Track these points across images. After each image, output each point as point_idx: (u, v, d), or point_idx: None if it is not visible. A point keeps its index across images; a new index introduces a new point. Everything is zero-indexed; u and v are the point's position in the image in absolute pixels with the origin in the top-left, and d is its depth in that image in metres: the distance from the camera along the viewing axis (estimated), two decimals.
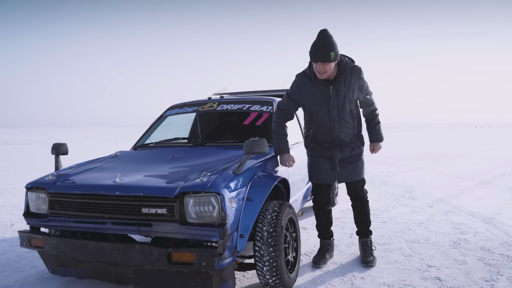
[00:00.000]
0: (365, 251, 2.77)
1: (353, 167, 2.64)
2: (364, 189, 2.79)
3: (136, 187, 2.02)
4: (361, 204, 2.80)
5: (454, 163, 8.96)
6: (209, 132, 3.64)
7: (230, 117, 3.65)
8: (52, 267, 2.38)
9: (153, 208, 1.95)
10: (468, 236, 3.29)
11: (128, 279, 2.13)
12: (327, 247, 2.81)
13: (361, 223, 2.84)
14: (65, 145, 2.69)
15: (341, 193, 5.41)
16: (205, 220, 1.89)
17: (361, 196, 2.78)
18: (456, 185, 5.83)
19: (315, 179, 2.71)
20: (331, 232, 2.87)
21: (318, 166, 2.66)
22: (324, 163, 2.64)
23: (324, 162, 2.64)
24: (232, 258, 1.95)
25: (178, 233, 1.93)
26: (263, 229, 2.12)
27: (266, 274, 2.11)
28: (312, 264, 2.70)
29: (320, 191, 2.75)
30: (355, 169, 2.65)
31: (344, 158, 2.61)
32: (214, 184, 1.90)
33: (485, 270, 2.54)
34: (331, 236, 2.87)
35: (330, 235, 2.86)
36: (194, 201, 1.90)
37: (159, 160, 2.65)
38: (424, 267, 2.63)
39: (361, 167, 2.68)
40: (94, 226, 2.11)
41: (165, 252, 1.91)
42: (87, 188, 2.13)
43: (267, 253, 2.08)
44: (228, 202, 1.89)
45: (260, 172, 2.29)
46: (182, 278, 1.98)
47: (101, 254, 2.06)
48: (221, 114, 3.68)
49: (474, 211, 4.14)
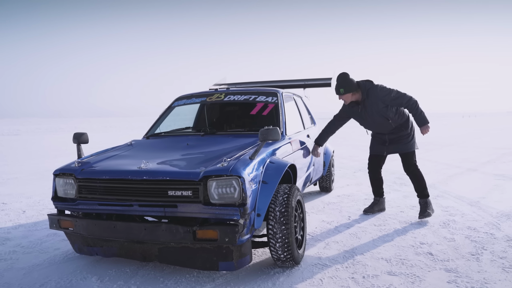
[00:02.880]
0: (420, 209, 3.58)
1: (401, 143, 3.57)
2: (413, 161, 3.59)
3: (162, 171, 2.22)
4: (411, 169, 3.60)
5: (442, 151, 9.33)
6: (217, 122, 3.83)
7: (237, 107, 3.85)
8: (79, 247, 2.57)
9: (179, 191, 2.16)
10: (456, 218, 3.58)
11: (153, 256, 2.33)
12: (376, 202, 3.82)
13: (415, 187, 3.63)
14: (85, 135, 2.84)
15: (336, 179, 5.69)
16: (227, 201, 2.11)
17: (409, 163, 3.59)
18: (444, 172, 6.16)
19: (371, 151, 3.78)
20: (381, 190, 3.82)
21: (373, 144, 3.76)
22: (377, 141, 3.71)
23: (377, 141, 3.71)
24: (250, 235, 2.17)
25: (202, 212, 2.14)
26: (276, 209, 2.35)
27: (278, 250, 2.35)
28: (362, 212, 3.81)
29: (372, 160, 3.78)
30: (402, 145, 3.56)
31: (392, 139, 3.58)
32: (235, 168, 2.11)
33: (472, 246, 2.83)
34: (380, 194, 3.82)
35: (380, 194, 3.82)
36: (217, 184, 2.11)
37: (175, 148, 2.84)
38: (417, 244, 2.91)
39: (406, 143, 3.55)
40: (122, 209, 2.30)
41: (190, 230, 2.12)
42: (116, 174, 2.32)
43: (280, 231, 2.31)
44: (248, 184, 2.11)
45: (273, 158, 2.52)
46: (204, 253, 2.20)
47: (129, 234, 2.25)
48: (228, 105, 3.87)
49: (461, 196, 4.45)
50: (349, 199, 4.43)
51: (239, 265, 2.20)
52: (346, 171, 6.59)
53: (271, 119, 3.23)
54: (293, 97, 3.99)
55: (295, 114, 3.81)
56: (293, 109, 3.80)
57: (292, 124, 3.44)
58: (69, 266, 2.63)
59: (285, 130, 3.10)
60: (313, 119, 4.81)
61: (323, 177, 4.64)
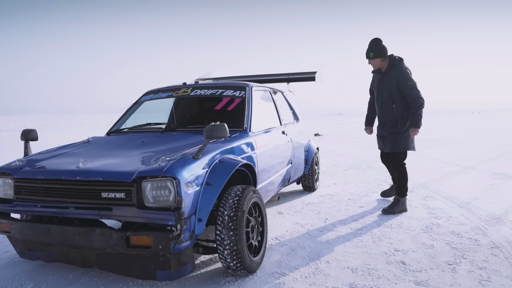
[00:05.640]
0: (390, 204, 3.66)
1: (395, 141, 3.54)
2: (400, 160, 3.61)
3: (96, 172, 2.02)
4: (398, 168, 3.64)
5: (444, 148, 8.99)
6: (184, 118, 3.62)
7: (203, 102, 3.63)
8: (20, 251, 2.40)
9: (112, 193, 1.96)
10: (441, 221, 3.32)
11: (92, 262, 2.15)
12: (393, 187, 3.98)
13: (397, 184, 3.67)
14: (34, 131, 2.69)
15: (325, 177, 5.44)
16: (162, 204, 1.90)
17: (398, 163, 3.62)
18: (440, 171, 5.86)
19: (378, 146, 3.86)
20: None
21: (377, 139, 3.79)
22: (379, 137, 3.74)
23: (379, 137, 3.74)
24: (190, 242, 1.96)
25: (136, 217, 1.94)
26: (224, 213, 2.13)
27: (227, 257, 2.13)
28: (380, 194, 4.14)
29: (380, 155, 3.94)
30: (396, 143, 3.54)
31: (389, 135, 3.57)
32: (171, 169, 1.90)
33: (451, 254, 2.57)
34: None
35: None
36: (152, 186, 1.91)
37: (128, 145, 2.64)
38: (391, 251, 2.66)
39: (400, 142, 3.52)
40: (58, 211, 2.12)
41: (123, 235, 1.93)
42: (50, 173, 2.14)
43: (228, 237, 2.10)
44: (184, 187, 1.89)
45: (224, 157, 2.29)
46: (141, 261, 2.00)
47: (64, 238, 2.08)
48: (194, 100, 3.66)
49: (453, 196, 4.17)
50: (332, 200, 4.19)
51: (178, 275, 2.00)
52: (338, 168, 6.33)
53: (237, 114, 3.01)
54: (269, 92, 3.76)
55: (269, 110, 3.58)
56: (266, 104, 3.57)
57: (262, 120, 3.21)
58: (11, 271, 2.46)
59: (249, 126, 2.86)
60: (296, 115, 4.57)
61: (305, 175, 4.40)
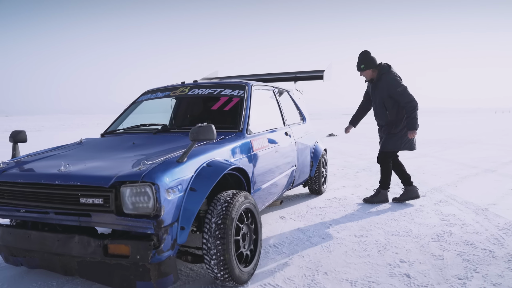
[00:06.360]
0: (372, 195, 3.95)
1: (385, 141, 3.79)
2: (384, 158, 3.86)
3: (75, 176, 1.91)
4: (383, 165, 3.88)
5: (462, 149, 8.61)
6: (180, 118, 3.49)
7: (200, 102, 3.50)
8: (5, 257, 2.32)
9: (90, 198, 1.85)
10: (454, 229, 3.09)
11: (73, 270, 2.04)
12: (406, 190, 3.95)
13: (380, 178, 3.91)
14: (23, 133, 2.63)
15: (336, 180, 5.24)
16: (141, 211, 1.77)
17: (384, 160, 3.87)
18: (457, 173, 5.56)
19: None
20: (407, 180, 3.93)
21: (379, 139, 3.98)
22: (379, 137, 3.96)
23: (379, 137, 3.96)
24: (172, 251, 1.83)
25: (115, 224, 1.82)
26: (212, 220, 1.99)
27: (214, 268, 1.99)
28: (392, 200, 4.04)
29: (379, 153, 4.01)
30: (388, 142, 3.78)
31: (384, 135, 3.82)
32: (150, 173, 1.77)
33: (461, 267, 2.36)
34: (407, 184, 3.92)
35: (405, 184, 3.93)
36: (131, 191, 1.78)
37: (118, 147, 2.53)
38: (396, 262, 2.46)
39: (391, 142, 3.75)
40: (39, 216, 2.03)
41: (101, 243, 1.82)
42: (30, 177, 2.05)
43: (214, 246, 1.96)
44: (164, 193, 1.76)
45: (213, 160, 2.15)
46: (121, 271, 1.88)
47: (43, 245, 1.99)
48: (192, 99, 3.53)
49: (469, 201, 3.92)
50: (339, 204, 3.99)
51: (160, 286, 1.86)
52: (349, 170, 6.11)
53: (234, 114, 2.86)
54: (272, 91, 3.60)
55: (271, 110, 3.42)
56: (268, 104, 3.41)
57: (262, 121, 3.05)
58: None
59: (246, 127, 2.71)
60: (303, 115, 4.40)
61: (311, 178, 4.22)
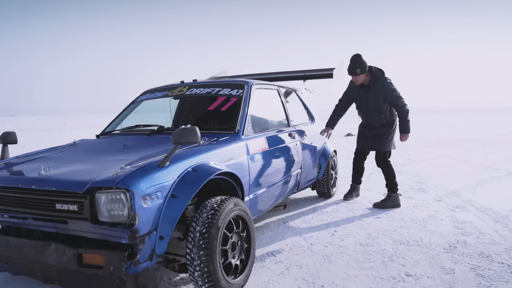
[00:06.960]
0: (382, 200, 3.81)
1: (380, 142, 3.76)
2: (385, 158, 3.81)
3: (51, 181, 1.82)
4: (383, 167, 3.83)
5: (485, 150, 8.18)
6: (176, 119, 3.38)
7: (198, 102, 3.37)
8: None
9: (65, 204, 1.75)
10: (469, 238, 2.85)
11: (53, 278, 1.95)
12: (354, 188, 4.13)
13: (386, 181, 3.85)
14: (13, 134, 2.57)
15: (342, 183, 5.03)
16: (116, 219, 1.65)
17: (382, 161, 3.83)
18: (478, 176, 5.24)
19: (357, 145, 4.01)
20: (360, 179, 4.13)
21: (358, 139, 3.99)
22: (361, 137, 3.93)
23: (362, 137, 3.92)
24: (150, 262, 1.71)
25: (90, 232, 1.72)
26: (196, 229, 1.86)
27: (198, 279, 1.86)
28: (343, 197, 4.11)
29: (357, 153, 4.03)
30: (381, 144, 3.76)
31: (375, 136, 3.77)
32: (125, 179, 1.65)
33: (474, 283, 2.14)
34: (358, 182, 4.12)
35: (358, 181, 4.12)
36: (106, 198, 1.67)
37: (108, 150, 2.43)
38: (401, 275, 2.26)
39: (385, 143, 3.74)
40: (18, 221, 1.96)
41: (75, 252, 1.72)
42: (9, 181, 1.96)
43: (198, 257, 1.82)
44: (140, 200, 1.64)
45: (200, 165, 2.01)
46: (98, 281, 1.77)
47: (20, 252, 1.91)
48: (189, 99, 3.41)
49: (488, 207, 3.64)
50: (347, 208, 3.79)
51: None
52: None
53: (231, 115, 2.72)
54: (276, 90, 3.44)
55: (273, 110, 3.26)
56: (271, 104, 3.26)
57: (262, 122, 2.91)
58: None
59: (242, 128, 2.57)
60: (312, 115, 4.22)
61: (319, 181, 4.03)
